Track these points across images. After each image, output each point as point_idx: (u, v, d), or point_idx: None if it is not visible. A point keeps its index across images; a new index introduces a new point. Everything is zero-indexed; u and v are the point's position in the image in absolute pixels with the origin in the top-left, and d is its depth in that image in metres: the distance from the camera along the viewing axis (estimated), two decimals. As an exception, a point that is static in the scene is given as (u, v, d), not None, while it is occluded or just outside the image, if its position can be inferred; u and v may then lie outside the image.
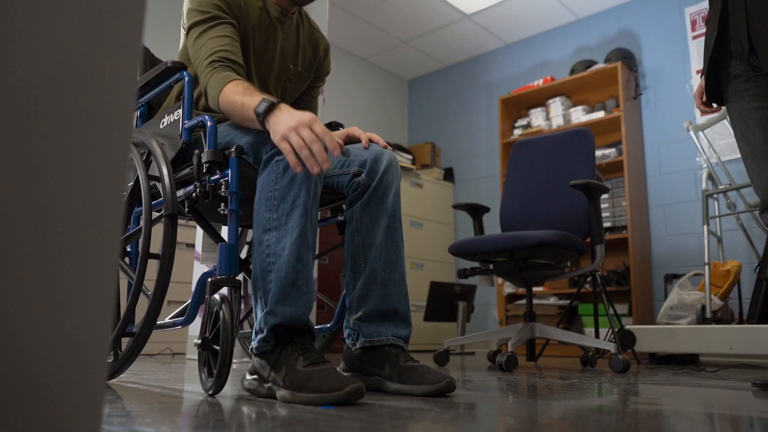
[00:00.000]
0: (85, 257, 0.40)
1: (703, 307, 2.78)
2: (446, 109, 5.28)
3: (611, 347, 2.29)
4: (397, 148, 4.79)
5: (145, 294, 1.40)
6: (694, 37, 3.91)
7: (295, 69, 1.65)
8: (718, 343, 2.51)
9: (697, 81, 3.87)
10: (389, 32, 4.74)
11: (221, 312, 1.21)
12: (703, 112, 1.89)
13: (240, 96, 1.30)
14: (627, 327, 2.80)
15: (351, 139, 1.52)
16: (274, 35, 1.59)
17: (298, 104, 1.74)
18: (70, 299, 0.39)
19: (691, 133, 3.12)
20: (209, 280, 1.29)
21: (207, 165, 1.33)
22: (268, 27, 1.57)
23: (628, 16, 4.28)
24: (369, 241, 1.43)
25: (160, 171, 1.35)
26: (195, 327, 2.83)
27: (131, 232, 1.51)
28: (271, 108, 1.24)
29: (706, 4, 3.78)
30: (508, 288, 4.08)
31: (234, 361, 2.53)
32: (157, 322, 1.42)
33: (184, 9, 1.50)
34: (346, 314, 1.47)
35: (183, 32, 1.54)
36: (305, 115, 1.21)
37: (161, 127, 1.53)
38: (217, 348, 1.21)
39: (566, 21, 4.56)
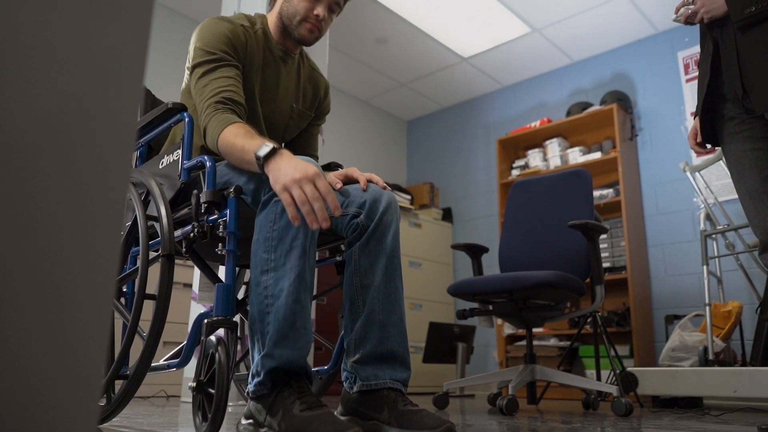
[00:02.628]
0: (80, 297, 0.39)
1: (706, 349, 2.74)
2: (444, 149, 5.32)
3: (613, 390, 2.26)
4: (396, 188, 4.81)
5: (140, 335, 1.38)
6: (688, 80, 3.98)
7: (297, 107, 1.68)
8: (722, 385, 2.47)
9: (691, 122, 3.92)
10: (388, 75, 4.82)
11: (217, 354, 1.20)
12: (698, 153, 1.91)
13: (240, 139, 1.29)
14: (629, 369, 2.76)
15: (349, 180, 1.52)
16: (278, 75, 1.61)
17: (298, 142, 1.76)
18: (63, 340, 0.38)
19: (688, 173, 3.15)
20: (205, 321, 1.27)
21: (205, 205, 1.33)
22: (272, 66, 1.60)
23: (622, 60, 4.37)
24: (367, 282, 1.42)
25: (158, 211, 1.35)
26: (190, 369, 2.78)
27: (128, 272, 1.50)
28: (272, 153, 1.23)
29: (698, 48, 3.86)
30: (508, 329, 4.04)
31: (229, 404, 2.48)
32: (152, 364, 1.39)
33: (191, 47, 1.51)
34: (344, 356, 1.45)
35: (187, 71, 1.56)
36: (309, 169, 1.20)
37: (161, 167, 1.53)
38: (212, 391, 1.19)
39: (562, 64, 4.65)
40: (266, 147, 1.23)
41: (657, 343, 3.74)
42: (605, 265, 3.83)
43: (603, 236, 3.85)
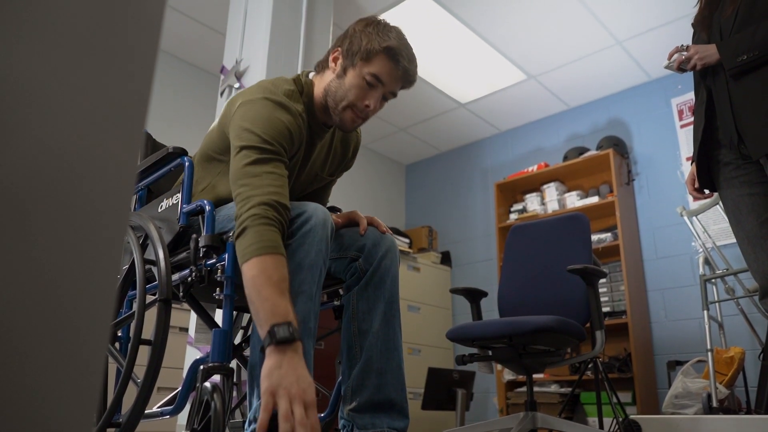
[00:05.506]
0: (73, 341, 0.39)
1: (709, 396, 2.70)
2: (443, 193, 5.35)
3: (617, 439, 2.20)
4: (395, 231, 4.82)
5: (134, 382, 1.35)
6: (682, 126, 4.03)
7: (321, 175, 1.61)
8: (727, 434, 2.41)
9: (687, 167, 3.96)
10: (387, 120, 4.89)
11: (212, 402, 1.17)
12: (696, 198, 1.93)
13: (268, 289, 1.14)
14: (632, 417, 2.71)
15: (351, 222, 1.51)
16: (311, 151, 1.52)
17: (311, 193, 1.68)
18: (54, 385, 0.38)
19: (685, 218, 3.16)
20: (201, 367, 1.25)
21: (204, 249, 1.32)
22: (309, 146, 1.50)
23: (617, 106, 4.44)
24: (365, 328, 1.40)
25: (156, 255, 1.34)
26: (184, 416, 2.72)
27: (123, 316, 1.48)
28: (283, 342, 1.09)
29: (691, 95, 3.93)
30: (508, 375, 3.98)
31: (223, 452, 2.41)
32: (145, 412, 1.36)
33: (239, 122, 1.35)
34: (341, 403, 1.42)
35: (217, 120, 1.48)
36: (309, 391, 1.07)
37: (160, 210, 1.54)
38: (206, 440, 1.16)
39: (558, 110, 4.72)
40: (283, 330, 1.09)
41: (659, 390, 3.67)
42: (605, 309, 3.80)
43: (602, 281, 3.83)
